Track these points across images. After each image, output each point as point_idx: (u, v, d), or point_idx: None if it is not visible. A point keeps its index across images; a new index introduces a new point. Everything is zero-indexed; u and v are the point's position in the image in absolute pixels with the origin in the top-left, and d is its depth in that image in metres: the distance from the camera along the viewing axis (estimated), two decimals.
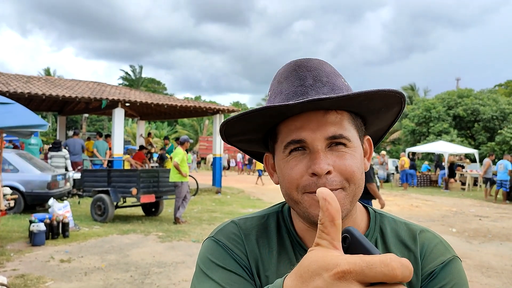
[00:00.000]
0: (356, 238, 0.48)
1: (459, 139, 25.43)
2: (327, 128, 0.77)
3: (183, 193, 8.97)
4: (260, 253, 0.87)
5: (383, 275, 0.42)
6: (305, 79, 0.80)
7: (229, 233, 0.88)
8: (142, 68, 49.84)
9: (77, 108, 17.47)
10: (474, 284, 5.34)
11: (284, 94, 0.80)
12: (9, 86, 12.94)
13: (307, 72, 0.80)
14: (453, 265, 0.84)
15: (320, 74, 0.81)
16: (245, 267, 0.84)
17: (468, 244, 7.71)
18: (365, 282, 0.43)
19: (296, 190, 0.79)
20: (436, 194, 17.49)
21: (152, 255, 6.31)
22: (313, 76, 0.80)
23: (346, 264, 0.43)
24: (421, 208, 12.66)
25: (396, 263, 0.42)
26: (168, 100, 15.88)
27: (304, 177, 0.78)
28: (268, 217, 0.92)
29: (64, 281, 5.05)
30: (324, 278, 0.44)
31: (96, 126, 42.32)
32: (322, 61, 0.84)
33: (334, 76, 0.82)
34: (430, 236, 0.88)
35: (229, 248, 0.85)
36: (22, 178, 9.67)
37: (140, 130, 20.12)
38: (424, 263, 0.84)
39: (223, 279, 0.79)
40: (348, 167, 0.78)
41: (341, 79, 0.84)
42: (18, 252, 6.26)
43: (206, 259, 0.84)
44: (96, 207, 9.03)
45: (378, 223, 0.90)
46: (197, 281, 0.82)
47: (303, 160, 0.78)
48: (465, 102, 26.93)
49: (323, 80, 0.80)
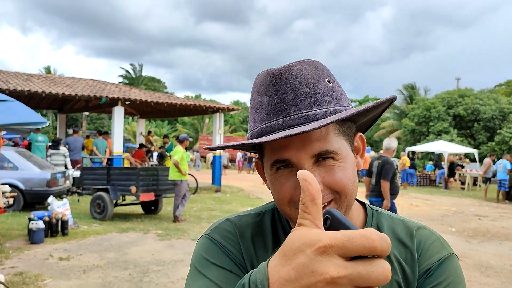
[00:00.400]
0: (337, 218, 0.49)
1: (459, 138, 25.41)
2: (312, 145, 0.75)
3: (182, 192, 8.97)
4: (255, 251, 0.86)
5: (363, 248, 0.43)
6: (284, 94, 0.77)
7: (224, 231, 0.87)
8: (142, 67, 49.85)
9: (77, 106, 17.46)
10: (473, 283, 5.33)
11: (264, 111, 0.78)
12: (9, 83, 12.92)
13: (286, 85, 0.77)
14: (450, 262, 0.83)
15: (300, 85, 0.77)
16: (240, 265, 0.83)
17: (467, 243, 7.71)
18: (347, 255, 0.44)
19: (288, 205, 0.79)
20: (436, 193, 17.49)
21: (151, 253, 6.30)
22: (292, 89, 0.76)
23: (328, 239, 0.45)
24: (420, 207, 12.66)
25: (375, 236, 0.43)
26: (168, 99, 15.87)
27: (294, 194, 0.77)
28: (264, 214, 0.92)
29: (63, 279, 5.04)
30: (307, 254, 0.46)
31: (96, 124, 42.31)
32: (303, 64, 0.80)
33: (316, 82, 0.78)
34: (427, 233, 0.88)
35: (223, 246, 0.84)
36: (21, 175, 9.67)
37: (140, 128, 20.12)
38: (420, 260, 0.83)
39: (217, 277, 0.79)
40: (338, 181, 0.76)
41: (324, 81, 0.79)
42: (17, 250, 6.26)
43: (200, 257, 0.83)
44: (95, 205, 9.02)
45: (375, 221, 0.90)
46: (191, 279, 0.82)
47: (291, 178, 0.77)
48: (466, 101, 26.91)
49: (304, 92, 0.76)
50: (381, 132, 38.14)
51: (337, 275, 0.44)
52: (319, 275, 0.44)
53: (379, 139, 39.40)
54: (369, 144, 39.26)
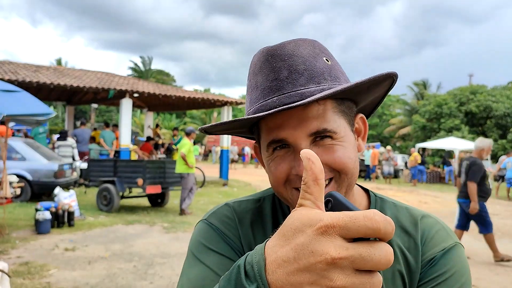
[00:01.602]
0: (339, 201, 0.47)
1: (470, 135, 25.10)
2: (309, 123, 0.72)
3: (189, 185, 8.94)
4: (254, 237, 0.83)
5: (366, 228, 0.41)
6: (280, 71, 0.73)
7: (222, 216, 0.85)
8: (151, 60, 49.90)
9: (85, 98, 17.48)
10: (482, 281, 5.25)
11: (260, 89, 0.75)
12: (18, 75, 12.98)
13: (281, 62, 0.74)
14: (455, 252, 0.80)
15: (296, 62, 0.74)
16: (238, 251, 0.81)
17: (476, 241, 7.59)
18: (348, 236, 0.42)
19: (283, 186, 0.76)
20: (446, 190, 17.31)
21: (157, 246, 6.29)
22: (287, 66, 0.73)
23: (330, 219, 0.43)
24: (429, 204, 12.53)
25: (379, 217, 0.42)
26: (176, 91, 15.83)
27: (290, 174, 0.74)
28: (264, 200, 0.89)
29: (68, 270, 5.04)
30: (307, 234, 0.44)
31: (105, 117, 42.51)
32: (299, 42, 0.77)
33: (312, 59, 0.75)
34: (432, 221, 0.84)
35: (222, 232, 0.82)
36: (29, 166, 9.70)
37: (148, 121, 20.14)
38: (424, 249, 0.80)
39: (214, 264, 0.76)
40: (337, 160, 0.73)
41: (321, 59, 0.76)
42: (23, 240, 6.28)
43: (198, 243, 0.81)
44: (102, 197, 9.03)
45: (379, 208, 0.86)
46: (188, 265, 0.79)
47: (287, 158, 0.74)
48: (478, 98, 26.55)
49: (299, 69, 0.73)
50: (391, 128, 37.88)
51: (338, 256, 0.42)
52: (319, 256, 0.42)
53: (389, 135, 39.16)
54: (379, 140, 39.05)
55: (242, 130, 0.85)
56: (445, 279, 0.76)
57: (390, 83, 0.76)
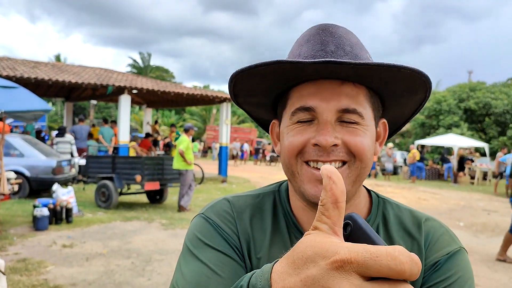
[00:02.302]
0: (359, 226, 0.43)
1: (469, 132, 25.11)
2: (341, 99, 0.71)
3: (187, 181, 8.92)
4: (252, 233, 0.81)
5: (388, 269, 0.36)
6: (327, 45, 0.73)
7: (220, 211, 0.82)
8: (150, 56, 49.79)
9: (84, 94, 17.45)
10: (480, 278, 5.24)
11: (302, 57, 0.74)
12: (16, 71, 12.93)
13: (331, 37, 0.74)
14: (459, 256, 0.78)
15: (344, 42, 0.74)
16: (236, 248, 0.78)
17: (475, 238, 7.59)
18: (367, 275, 0.37)
19: (295, 158, 0.74)
20: (445, 187, 17.31)
21: (155, 242, 6.27)
22: (336, 43, 0.74)
23: (347, 253, 0.38)
24: (428, 201, 12.52)
25: (404, 257, 0.37)
26: (174, 88, 15.79)
27: (307, 147, 0.72)
28: (264, 196, 0.87)
29: (65, 266, 5.02)
30: (320, 266, 0.39)
31: (104, 113, 42.45)
32: (349, 31, 0.78)
33: (358, 48, 0.76)
34: (436, 225, 0.82)
35: (219, 227, 0.79)
36: (27, 163, 9.67)
37: (147, 117, 20.10)
38: (428, 253, 0.78)
39: (211, 260, 0.74)
40: (358, 143, 0.72)
41: (366, 53, 0.78)
42: (21, 236, 6.26)
43: (194, 238, 0.78)
44: (100, 193, 9.01)
45: (381, 209, 0.84)
46: (183, 260, 0.77)
47: (308, 130, 0.73)
48: (477, 95, 26.53)
49: (346, 49, 0.74)
50: None
51: None
52: None
53: None
54: None
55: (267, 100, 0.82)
56: (449, 284, 0.75)
57: (421, 99, 0.77)
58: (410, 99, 0.77)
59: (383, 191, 14.24)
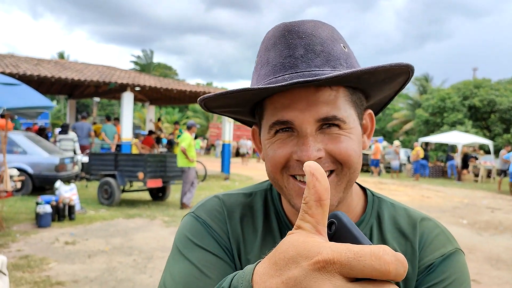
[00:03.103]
0: (344, 225, 0.42)
1: (474, 130, 24.98)
2: (319, 108, 0.67)
3: (190, 178, 8.92)
4: (243, 233, 0.79)
5: (372, 269, 0.35)
6: (295, 49, 0.69)
7: (211, 209, 0.81)
8: (153, 53, 49.80)
9: (87, 91, 17.46)
10: (483, 276, 5.21)
11: (271, 65, 0.70)
12: (19, 68, 12.96)
13: (298, 39, 0.69)
14: (454, 258, 0.75)
15: (314, 41, 0.69)
16: (225, 248, 0.77)
17: (478, 236, 7.56)
18: (350, 276, 0.36)
19: (280, 172, 0.71)
20: (448, 185, 17.24)
21: (157, 240, 6.28)
22: (304, 45, 0.69)
23: (330, 253, 0.36)
24: (432, 199, 12.48)
25: (390, 257, 0.35)
26: (177, 85, 15.79)
27: (290, 161, 0.69)
28: (256, 195, 0.85)
29: (68, 263, 5.04)
30: (301, 267, 0.38)
31: (107, 111, 42.49)
32: (318, 23, 0.73)
33: (331, 42, 0.71)
34: (432, 225, 0.79)
35: (209, 226, 0.78)
36: (30, 160, 9.70)
37: (150, 115, 20.11)
38: (422, 254, 0.76)
39: (199, 260, 0.73)
40: (342, 150, 0.68)
41: (339, 45, 0.72)
42: (23, 233, 6.28)
43: (183, 237, 0.77)
44: (103, 190, 9.03)
45: (376, 208, 0.81)
46: (172, 260, 0.76)
47: (289, 143, 0.69)
48: (481, 92, 26.37)
49: (316, 50, 0.69)
50: (394, 122, 37.74)
51: None
52: None
53: (392, 129, 39.01)
54: (382, 134, 38.92)
55: (243, 109, 0.79)
56: (443, 287, 0.72)
57: (404, 80, 0.72)
58: (392, 83, 0.73)
59: (386, 188, 14.20)
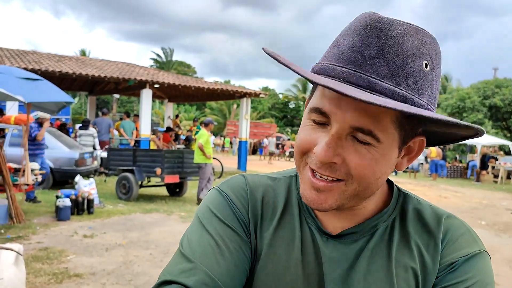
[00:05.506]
0: None
1: (494, 130, 24.53)
2: (360, 116, 0.63)
3: (207, 175, 8.98)
4: (262, 210, 0.81)
5: None
6: (368, 47, 0.64)
7: (235, 185, 0.84)
8: (173, 51, 50.17)
9: (107, 88, 17.72)
10: (501, 278, 5.14)
11: (339, 51, 0.67)
12: (41, 64, 13.22)
13: (376, 39, 0.64)
14: (479, 259, 0.73)
15: (390, 47, 0.63)
16: (243, 223, 0.79)
17: (497, 237, 7.44)
18: None
19: (300, 157, 0.71)
20: (467, 186, 16.97)
21: (173, 235, 6.35)
22: (378, 47, 0.64)
23: None
24: (449, 199, 12.31)
25: None
26: (195, 82, 15.89)
27: (311, 151, 0.69)
28: (280, 180, 0.86)
29: (86, 256, 5.13)
30: None
31: (126, 107, 43.03)
32: (411, 30, 0.66)
33: (410, 55, 0.64)
34: (458, 223, 0.77)
35: (231, 200, 0.80)
36: (51, 154, 9.88)
37: (168, 112, 20.29)
38: (445, 252, 0.73)
39: (217, 232, 0.76)
40: (360, 167, 0.66)
41: (420, 61, 0.65)
42: (43, 226, 6.42)
43: (205, 208, 0.80)
44: (121, 185, 9.16)
45: (400, 202, 0.80)
46: (191, 227, 0.79)
47: (319, 132, 0.68)
48: (503, 92, 25.84)
49: (388, 58, 0.63)
50: None
51: None
52: None
53: None
54: None
55: None
56: (465, 287, 0.70)
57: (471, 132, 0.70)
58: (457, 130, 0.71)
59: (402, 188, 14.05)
